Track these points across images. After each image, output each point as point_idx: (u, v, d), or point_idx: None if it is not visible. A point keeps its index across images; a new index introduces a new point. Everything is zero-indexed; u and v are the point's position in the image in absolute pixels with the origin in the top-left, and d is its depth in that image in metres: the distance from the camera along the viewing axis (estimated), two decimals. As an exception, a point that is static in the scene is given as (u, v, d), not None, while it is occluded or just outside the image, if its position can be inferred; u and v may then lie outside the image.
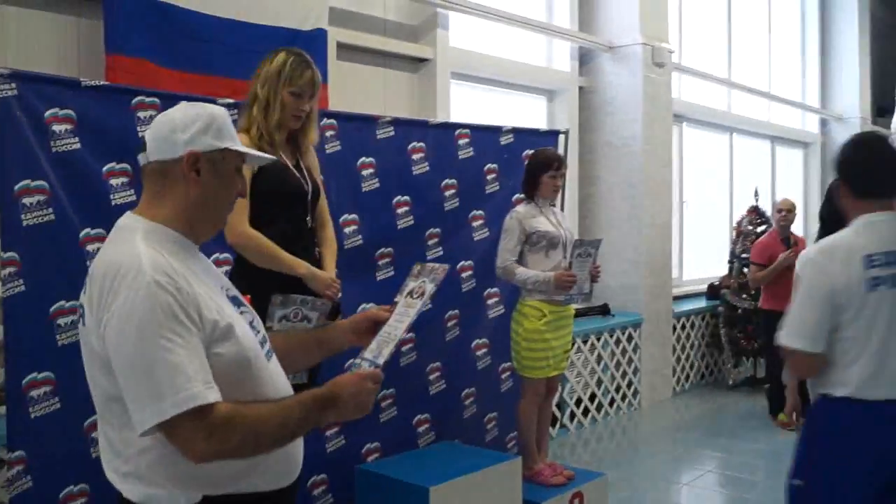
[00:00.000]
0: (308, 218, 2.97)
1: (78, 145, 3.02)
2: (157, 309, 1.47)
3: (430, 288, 1.92)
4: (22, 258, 2.89)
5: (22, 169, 2.90)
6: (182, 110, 1.67)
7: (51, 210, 2.96)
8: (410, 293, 1.96)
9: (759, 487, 4.86)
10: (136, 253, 1.54)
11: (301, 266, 2.83)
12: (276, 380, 1.71)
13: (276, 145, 2.87)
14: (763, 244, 6.37)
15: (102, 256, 1.61)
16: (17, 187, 2.88)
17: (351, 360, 1.93)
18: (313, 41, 4.49)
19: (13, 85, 2.87)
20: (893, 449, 2.27)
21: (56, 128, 2.97)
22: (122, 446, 1.58)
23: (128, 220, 1.67)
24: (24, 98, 2.90)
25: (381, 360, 1.80)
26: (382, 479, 3.25)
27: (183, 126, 1.64)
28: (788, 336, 2.36)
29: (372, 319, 1.97)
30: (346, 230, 3.85)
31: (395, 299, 2.00)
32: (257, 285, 2.70)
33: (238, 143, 1.72)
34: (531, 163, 4.16)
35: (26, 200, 2.90)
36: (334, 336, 2.03)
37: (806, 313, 2.34)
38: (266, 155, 1.90)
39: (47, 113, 2.95)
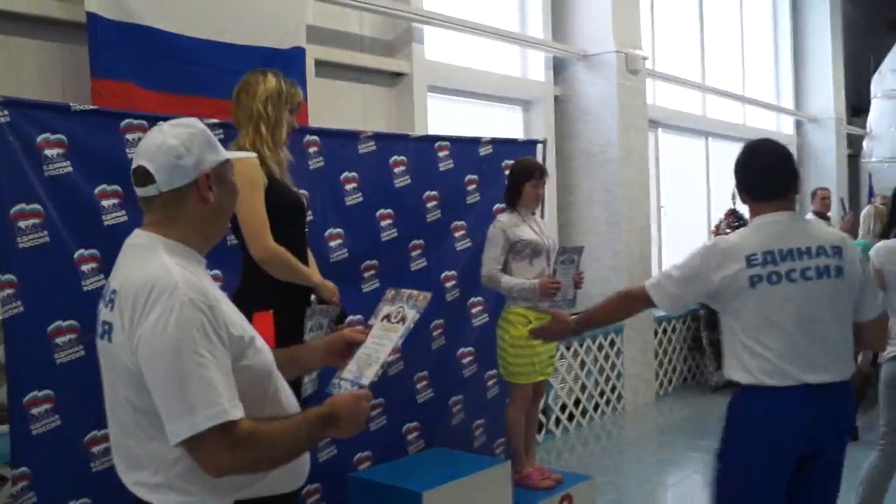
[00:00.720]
0: (306, 230, 3.08)
1: (70, 168, 3.10)
2: (192, 327, 1.54)
3: (412, 314, 1.99)
4: (19, 279, 2.97)
5: (17, 193, 2.97)
6: (174, 134, 1.69)
7: (46, 232, 3.03)
8: (387, 317, 2.03)
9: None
10: (167, 270, 1.60)
11: (315, 276, 2.98)
12: (287, 390, 1.83)
13: (282, 163, 2.97)
14: None
15: (128, 272, 1.64)
16: (12, 211, 2.96)
17: (331, 381, 2.00)
18: (291, 59, 4.58)
19: (5, 112, 2.94)
20: (802, 432, 2.44)
21: (48, 152, 3.05)
22: (149, 458, 1.64)
23: (142, 238, 1.71)
24: (16, 124, 2.97)
25: (365, 381, 1.89)
26: (376, 486, 3.33)
27: (185, 150, 1.67)
28: (655, 290, 2.60)
29: (346, 341, 2.05)
30: (332, 244, 3.94)
31: (370, 322, 2.08)
32: (271, 302, 2.80)
33: (223, 150, 1.79)
34: (513, 172, 4.26)
35: (22, 223, 2.98)
36: (308, 355, 2.13)
37: (675, 284, 2.56)
38: (246, 154, 2.02)
39: (39, 138, 3.03)
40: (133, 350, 1.57)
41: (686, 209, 8.83)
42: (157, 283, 1.58)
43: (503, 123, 6.73)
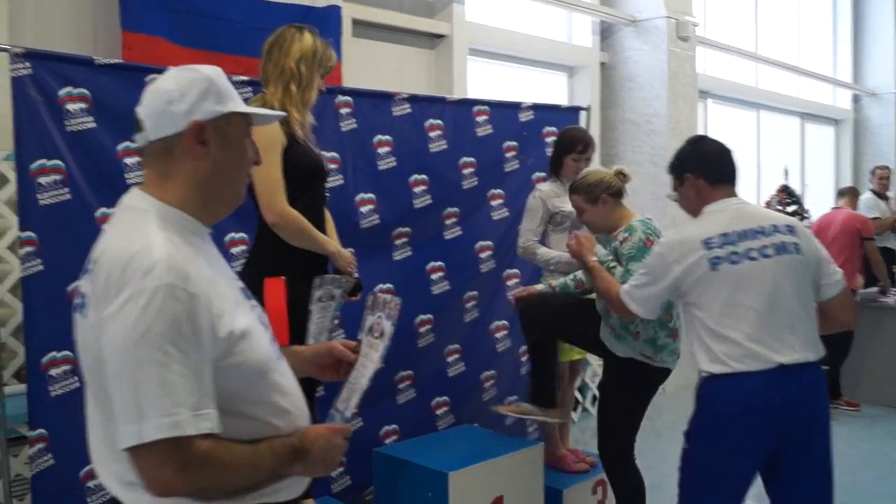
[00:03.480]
0: (327, 195, 2.94)
1: (93, 124, 3.01)
2: (162, 318, 1.31)
3: (387, 327, 1.78)
4: (39, 238, 2.90)
5: (37, 149, 2.89)
6: (174, 78, 1.48)
7: (67, 189, 2.96)
8: (370, 330, 1.84)
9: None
10: (149, 245, 1.36)
11: (330, 244, 2.81)
12: (287, 383, 1.57)
13: (305, 124, 2.83)
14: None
15: (111, 241, 1.42)
16: (33, 167, 2.88)
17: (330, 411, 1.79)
18: (327, 18, 4.46)
19: (27, 64, 2.86)
20: (778, 415, 2.38)
21: (70, 107, 2.95)
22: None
23: (137, 199, 1.48)
24: (39, 77, 2.89)
25: (349, 413, 1.70)
26: (400, 462, 3.20)
27: (179, 95, 1.46)
28: (630, 297, 2.64)
29: (335, 356, 1.83)
30: (363, 209, 3.81)
31: (359, 337, 1.85)
32: (283, 268, 2.67)
33: (241, 104, 1.56)
34: (557, 141, 4.06)
35: (42, 180, 2.90)
36: (293, 363, 1.76)
37: (645, 289, 2.61)
38: (275, 112, 1.77)
39: (61, 92, 2.94)
40: (98, 333, 1.35)
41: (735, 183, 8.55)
42: (133, 260, 1.34)
43: (546, 89, 6.54)
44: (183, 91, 1.46)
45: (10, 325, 3.39)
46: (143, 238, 1.38)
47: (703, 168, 2.62)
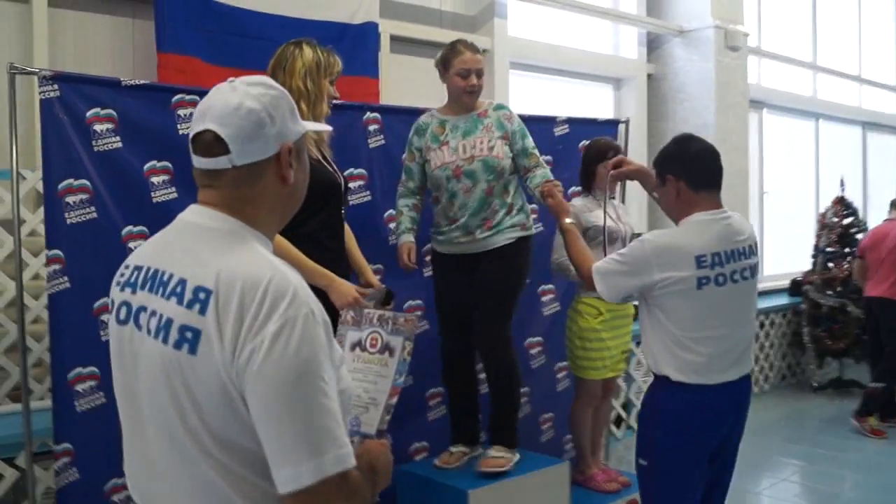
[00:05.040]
0: (343, 211, 2.93)
1: (119, 144, 3.07)
2: (315, 346, 1.24)
3: (399, 343, 1.73)
4: (66, 256, 2.96)
5: (65, 168, 2.96)
6: (254, 95, 1.36)
7: (93, 208, 3.01)
8: (358, 345, 1.78)
9: (841, 501, 4.54)
10: (278, 268, 1.28)
11: (324, 277, 2.68)
12: None
13: (320, 141, 2.84)
14: None
15: (229, 266, 1.28)
16: (60, 186, 2.94)
17: None
18: (364, 35, 4.49)
19: (55, 86, 2.92)
20: (723, 426, 2.56)
21: (98, 127, 3.01)
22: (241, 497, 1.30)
23: (221, 221, 1.36)
24: (66, 99, 2.95)
25: (370, 430, 1.66)
26: (422, 480, 3.19)
27: (269, 117, 1.36)
28: (601, 277, 2.60)
29: None
30: (391, 225, 3.79)
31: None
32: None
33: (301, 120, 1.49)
34: (586, 153, 4.01)
35: (70, 199, 2.96)
36: None
37: (618, 277, 2.57)
38: (324, 126, 1.76)
39: (89, 113, 3.00)
40: (239, 369, 1.23)
41: (792, 195, 8.32)
42: (272, 284, 1.25)
43: (592, 102, 6.47)
44: (271, 112, 1.37)
45: (2, 344, 3.47)
46: (267, 263, 1.30)
47: (687, 171, 2.54)
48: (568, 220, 3.02)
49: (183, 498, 1.33)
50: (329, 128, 1.75)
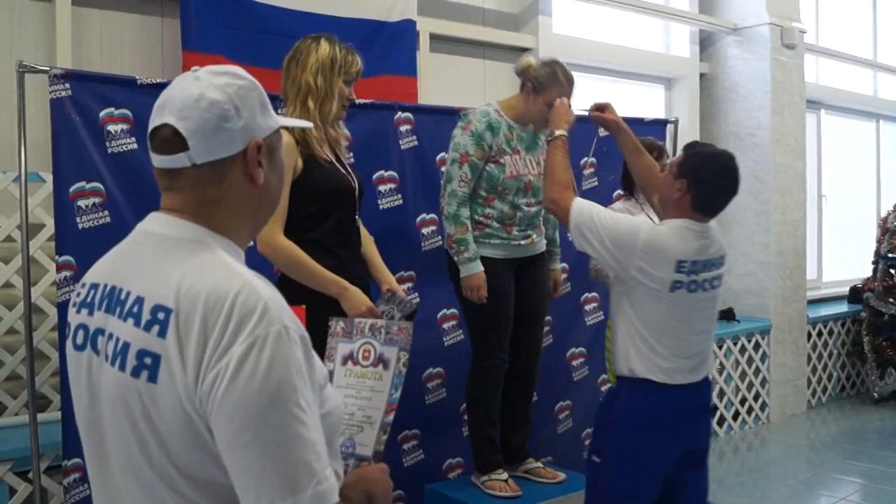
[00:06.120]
0: (357, 215, 2.74)
1: (135, 145, 2.94)
2: (291, 369, 1.09)
3: (394, 354, 1.55)
4: (78, 262, 2.82)
5: (77, 171, 2.84)
6: (218, 85, 1.20)
7: (107, 212, 2.89)
8: (350, 358, 1.60)
9: (904, 520, 4.32)
10: (247, 281, 1.13)
11: (335, 285, 2.50)
12: None
13: (330, 141, 2.67)
14: None
15: (189, 281, 1.14)
16: (72, 189, 2.83)
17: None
18: (401, 33, 4.32)
19: (66, 85, 2.81)
20: (685, 428, 2.58)
21: (112, 128, 2.89)
22: None
23: (185, 230, 1.21)
24: (78, 98, 2.83)
25: (366, 452, 1.50)
26: (447, 499, 2.99)
27: (234, 110, 1.20)
28: (580, 216, 2.56)
29: None
30: (424, 231, 3.62)
31: (328, 366, 1.63)
32: (304, 296, 2.48)
33: (276, 115, 1.33)
34: (628, 155, 3.78)
35: (82, 203, 2.84)
36: None
37: (599, 230, 2.52)
38: (302, 122, 1.59)
39: (103, 113, 2.88)
40: (202, 397, 1.08)
41: (852, 199, 7.95)
42: (240, 299, 1.10)
43: (642, 103, 6.21)
44: (237, 104, 1.21)
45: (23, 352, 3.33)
46: (234, 274, 1.15)
47: (701, 194, 2.51)
48: (561, 131, 2.90)
49: None
50: (309, 124, 1.56)
